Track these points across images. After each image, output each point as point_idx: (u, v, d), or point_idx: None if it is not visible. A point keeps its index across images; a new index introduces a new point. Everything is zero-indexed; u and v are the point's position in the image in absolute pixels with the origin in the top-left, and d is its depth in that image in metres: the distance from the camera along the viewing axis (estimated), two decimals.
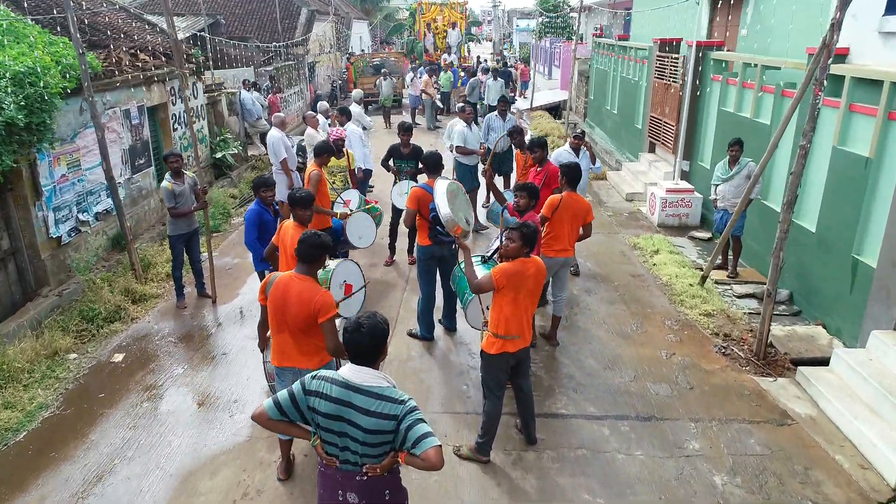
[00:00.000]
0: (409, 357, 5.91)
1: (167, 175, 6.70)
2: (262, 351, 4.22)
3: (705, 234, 9.23)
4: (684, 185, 9.80)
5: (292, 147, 10.81)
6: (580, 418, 5.00)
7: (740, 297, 7.24)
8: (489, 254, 5.39)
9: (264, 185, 5.74)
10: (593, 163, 7.67)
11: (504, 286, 4.11)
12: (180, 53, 6.54)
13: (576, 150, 7.57)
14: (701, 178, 9.90)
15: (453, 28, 26.10)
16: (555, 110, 23.23)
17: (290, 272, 3.71)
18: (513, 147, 9.63)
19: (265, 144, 15.75)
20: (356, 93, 11.96)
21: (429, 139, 17.15)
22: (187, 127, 11.31)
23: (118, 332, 6.43)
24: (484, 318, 4.62)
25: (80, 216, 7.93)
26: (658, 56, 11.76)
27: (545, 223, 5.71)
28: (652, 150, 12.47)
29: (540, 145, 6.68)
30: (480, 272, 5.07)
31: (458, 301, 5.48)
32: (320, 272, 5.16)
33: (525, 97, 24.06)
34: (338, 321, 4.17)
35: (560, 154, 7.46)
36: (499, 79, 17.17)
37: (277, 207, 5.99)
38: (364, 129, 11.44)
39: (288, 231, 4.78)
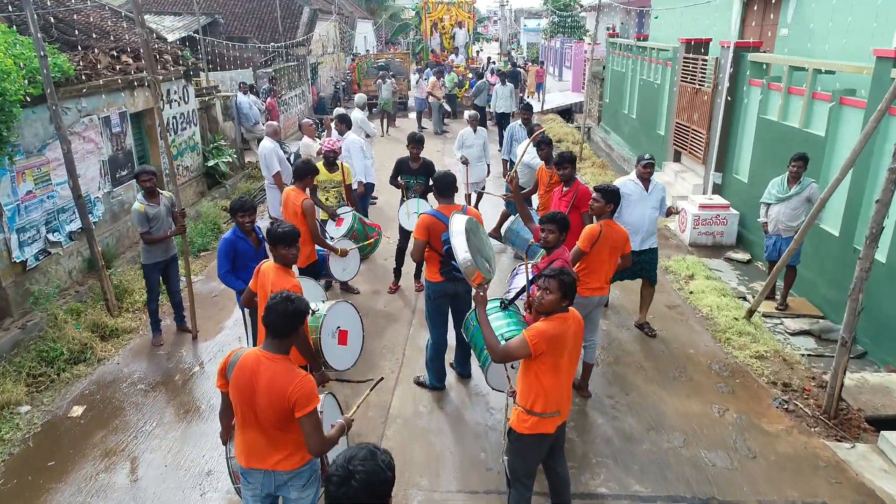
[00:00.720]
0: (417, 413, 5.04)
1: (139, 195, 5.86)
2: (225, 444, 3.34)
3: (743, 256, 8.33)
4: (718, 200, 8.90)
5: (289, 157, 9.98)
6: (625, 499, 4.12)
7: (794, 334, 6.35)
8: (510, 297, 4.53)
9: (241, 209, 4.88)
10: (666, 214, 6.23)
11: (543, 352, 3.25)
12: (150, 54, 5.68)
13: (644, 180, 6.06)
14: (736, 193, 9.01)
15: (460, 27, 25.22)
16: (567, 113, 22.35)
17: (257, 350, 2.84)
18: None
19: None
20: (359, 97, 11.10)
21: (435, 144, 16.27)
22: (175, 133, 10.50)
23: (81, 376, 5.58)
24: (511, 386, 3.75)
25: (51, 236, 7.10)
26: (685, 58, 10.86)
27: (580, 258, 4.84)
28: (677, 159, 11.57)
29: (569, 161, 5.81)
30: (501, 324, 4.20)
31: (475, 356, 4.60)
32: (309, 318, 4.32)
33: (538, 99, 23.16)
34: (321, 407, 3.29)
35: (625, 185, 6.02)
36: (507, 83, 15.81)
37: (262, 236, 5.14)
38: (367, 136, 10.61)
39: (268, 274, 3.92)
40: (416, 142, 6.89)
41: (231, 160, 12.02)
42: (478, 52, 27.74)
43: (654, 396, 5.26)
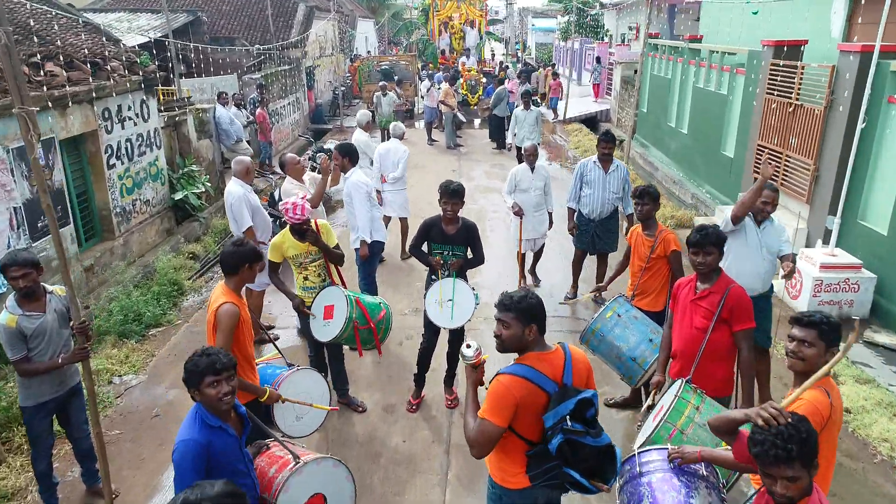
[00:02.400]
0: None
1: (9, 301, 3.59)
2: None
3: (892, 339, 6.09)
4: (846, 257, 6.66)
5: (270, 195, 7.81)
6: None
7: None
8: None
9: (212, 371, 2.57)
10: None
11: None
12: (14, 69, 3.41)
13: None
14: (867, 247, 6.77)
15: (471, 27, 22.93)
16: (591, 122, 20.09)
17: None
18: (618, 212, 6.54)
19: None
20: (361, 114, 8.75)
21: (449, 162, 14.02)
22: (129, 161, 8.26)
23: None
24: None
25: None
26: (774, 65, 8.61)
27: None
28: None
29: (715, 242, 3.55)
30: None
31: None
32: None
33: (553, 115, 20.85)
34: None
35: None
36: (533, 108, 11.64)
37: (245, 412, 2.88)
38: (373, 163, 8.37)
39: None
40: (451, 194, 4.60)
41: (205, 189, 9.77)
42: (492, 54, 25.42)
43: None
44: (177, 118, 10.15)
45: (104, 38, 8.56)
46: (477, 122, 19.21)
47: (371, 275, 5.98)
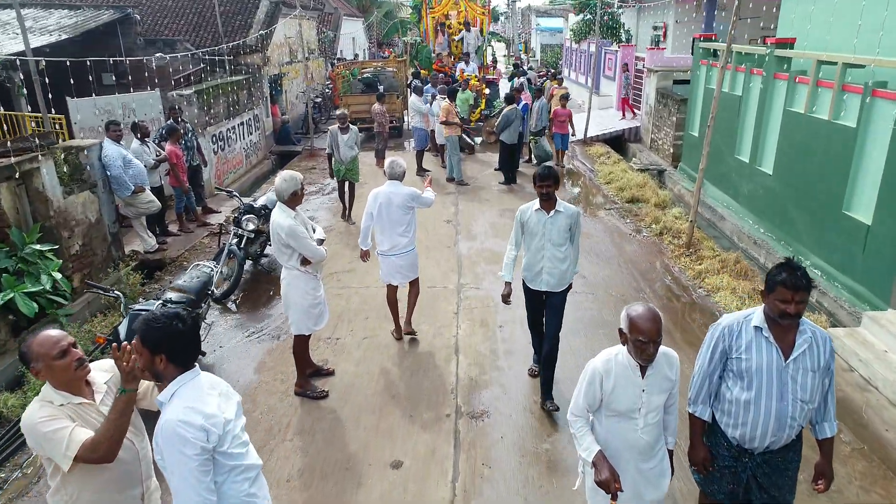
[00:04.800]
0: None
1: None
2: None
3: None
4: None
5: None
6: None
7: None
8: None
9: None
10: None
11: None
12: None
13: None
14: None
15: (468, 29, 19.28)
16: (616, 142, 16.53)
17: None
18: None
19: (157, 232, 9.11)
20: (282, 181, 4.62)
21: (443, 207, 10.24)
22: None
23: None
24: None
25: None
26: None
27: None
28: None
29: None
30: None
31: None
32: None
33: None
34: None
35: None
36: (561, 208, 4.49)
37: None
38: (304, 263, 4.82)
39: None
40: None
41: (56, 281, 6.21)
42: (494, 60, 21.79)
43: None
44: (23, 166, 6.62)
45: None
46: (478, 139, 15.64)
47: None
